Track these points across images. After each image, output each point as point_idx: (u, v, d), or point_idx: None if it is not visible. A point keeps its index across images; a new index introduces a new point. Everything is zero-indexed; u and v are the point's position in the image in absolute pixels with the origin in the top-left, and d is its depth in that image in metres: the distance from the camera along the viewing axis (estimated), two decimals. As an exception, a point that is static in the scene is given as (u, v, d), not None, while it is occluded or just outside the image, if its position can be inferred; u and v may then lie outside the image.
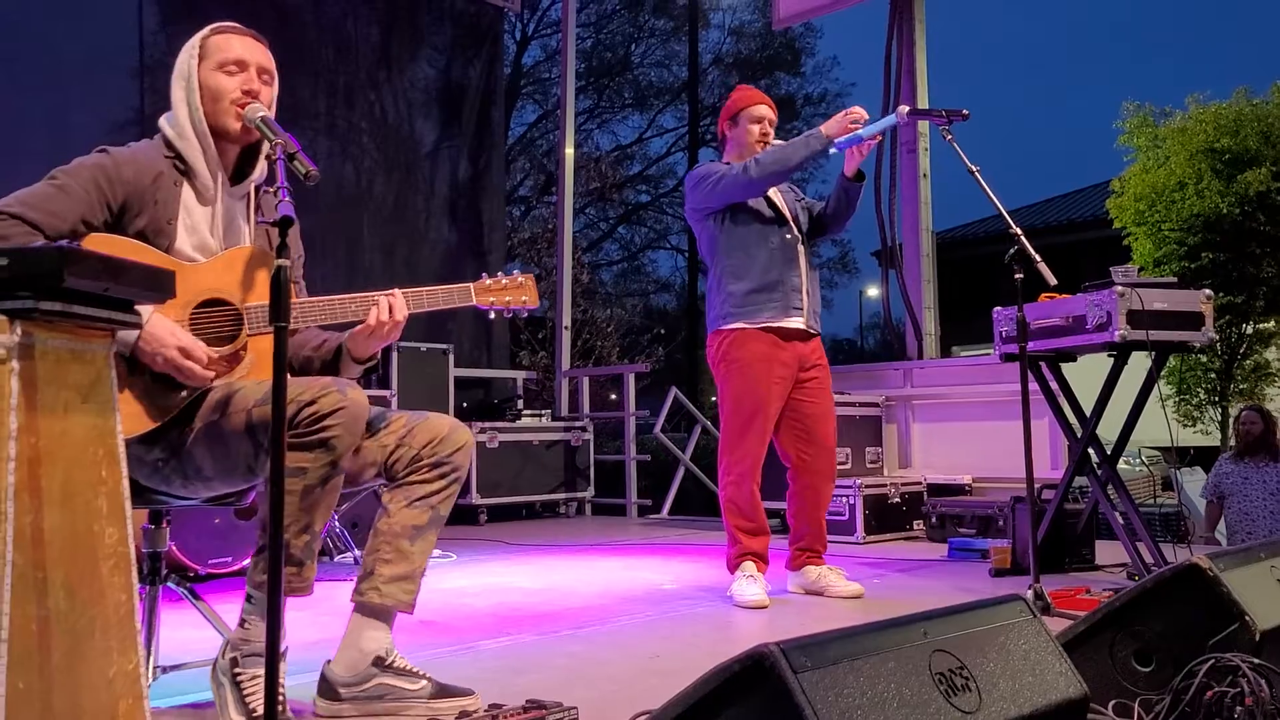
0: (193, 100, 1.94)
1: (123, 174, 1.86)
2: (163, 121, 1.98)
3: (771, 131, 3.39)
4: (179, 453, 1.86)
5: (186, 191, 1.94)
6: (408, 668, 1.93)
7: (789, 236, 3.28)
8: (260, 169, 2.03)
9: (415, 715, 1.89)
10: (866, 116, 3.14)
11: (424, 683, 1.91)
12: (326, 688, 1.92)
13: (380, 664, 1.91)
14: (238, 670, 1.78)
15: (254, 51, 1.97)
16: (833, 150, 3.14)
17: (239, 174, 2.02)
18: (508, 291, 2.05)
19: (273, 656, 1.35)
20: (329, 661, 1.94)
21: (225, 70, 1.93)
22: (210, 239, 1.95)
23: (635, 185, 20.00)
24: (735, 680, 1.08)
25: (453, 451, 1.97)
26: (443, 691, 1.91)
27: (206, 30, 1.99)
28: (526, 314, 2.11)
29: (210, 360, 1.83)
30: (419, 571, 1.95)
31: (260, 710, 1.72)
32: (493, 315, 2.07)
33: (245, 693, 1.76)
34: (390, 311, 1.94)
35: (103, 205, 1.84)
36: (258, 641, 1.79)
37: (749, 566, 3.21)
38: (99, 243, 1.81)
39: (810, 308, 3.29)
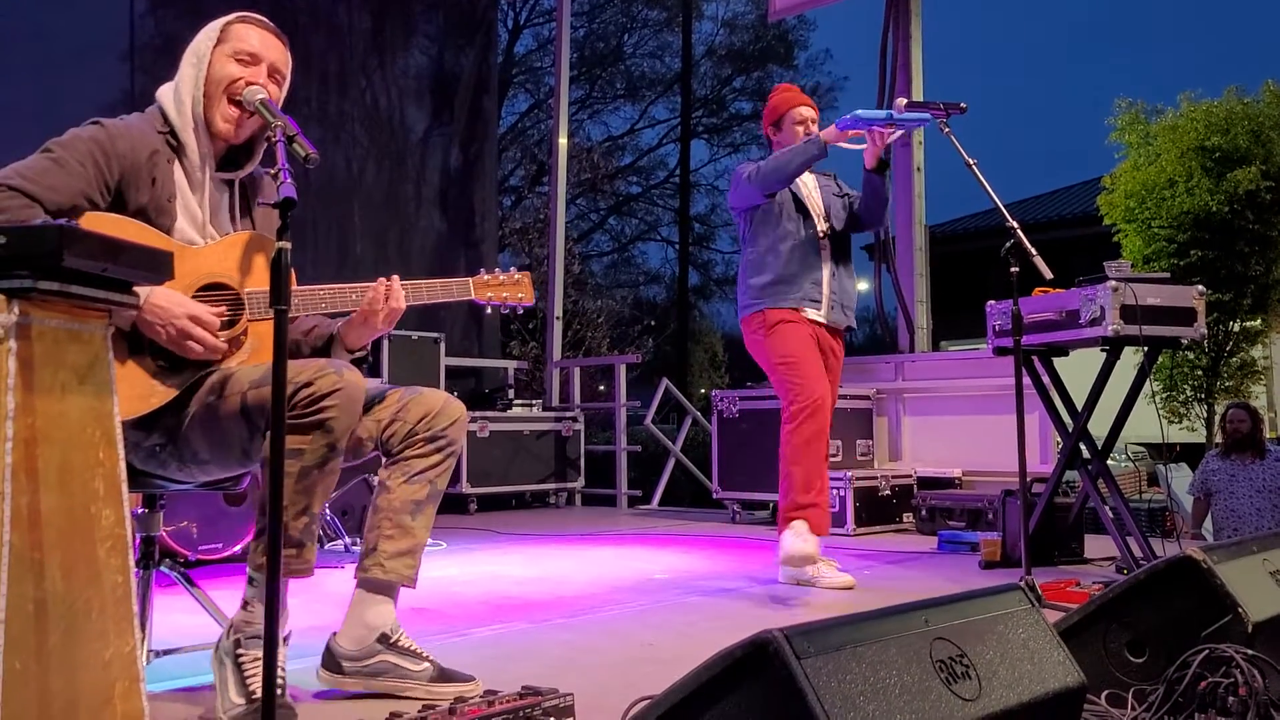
0: (199, 80, 1.92)
1: (118, 147, 1.83)
2: (162, 92, 1.95)
3: (815, 131, 3.39)
4: (175, 437, 1.84)
5: (178, 171, 1.92)
6: (412, 648, 1.93)
7: (811, 231, 3.32)
8: (252, 166, 2.02)
9: (413, 696, 1.89)
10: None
11: (426, 665, 1.92)
12: (330, 660, 1.94)
13: (385, 641, 1.92)
14: (240, 651, 1.77)
15: (271, 48, 1.96)
16: (839, 128, 3.15)
17: (230, 164, 2.00)
18: (505, 287, 2.09)
19: (271, 639, 1.34)
20: (335, 635, 1.96)
21: (238, 59, 1.92)
22: (203, 220, 1.94)
23: (626, 176, 19.97)
24: (738, 665, 1.08)
25: (447, 425, 1.98)
26: (443, 676, 1.91)
27: (233, 15, 1.97)
28: (522, 310, 2.16)
29: (219, 328, 1.82)
30: (420, 546, 1.96)
31: (261, 692, 1.71)
32: (489, 311, 2.12)
33: (246, 674, 1.75)
34: (387, 297, 1.94)
35: (100, 181, 1.81)
36: (259, 624, 1.78)
37: (799, 525, 3.11)
38: (102, 222, 1.79)
39: (835, 301, 3.33)
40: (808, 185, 3.40)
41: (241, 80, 1.90)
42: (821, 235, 3.33)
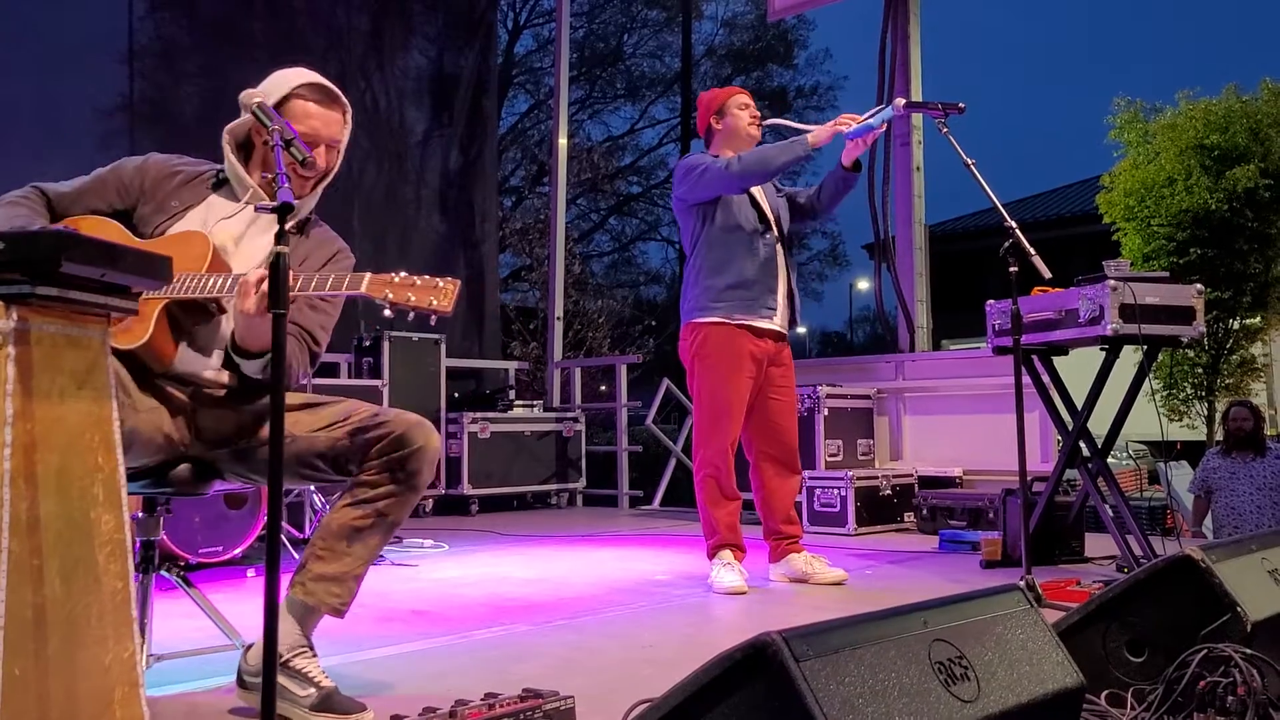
0: (250, 133, 2.01)
1: (148, 166, 1.98)
2: (227, 155, 2.03)
3: (758, 114, 3.45)
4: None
5: (214, 197, 1.99)
6: (305, 670, 1.80)
7: (770, 239, 3.34)
8: (307, 207, 2.08)
9: (291, 716, 1.78)
10: (857, 117, 3.18)
11: (312, 690, 1.78)
12: (240, 675, 1.86)
13: (280, 659, 1.78)
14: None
15: (330, 125, 1.98)
16: (847, 138, 3.19)
17: None
18: (413, 290, 1.73)
19: (270, 652, 1.34)
20: (248, 648, 1.88)
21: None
22: (229, 225, 1.96)
23: (627, 176, 19.96)
24: (737, 668, 1.08)
25: (408, 453, 1.82)
26: (327, 704, 1.77)
27: (291, 87, 1.95)
28: (434, 320, 1.76)
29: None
30: (353, 575, 1.83)
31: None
32: (389, 313, 1.75)
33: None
34: (245, 291, 1.78)
35: (119, 190, 1.94)
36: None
37: (726, 554, 3.26)
38: (79, 225, 1.86)
39: (785, 310, 3.35)
40: (761, 189, 3.39)
41: (292, 162, 1.79)
42: (777, 241, 3.35)
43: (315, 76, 2.00)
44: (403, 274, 1.76)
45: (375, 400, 5.19)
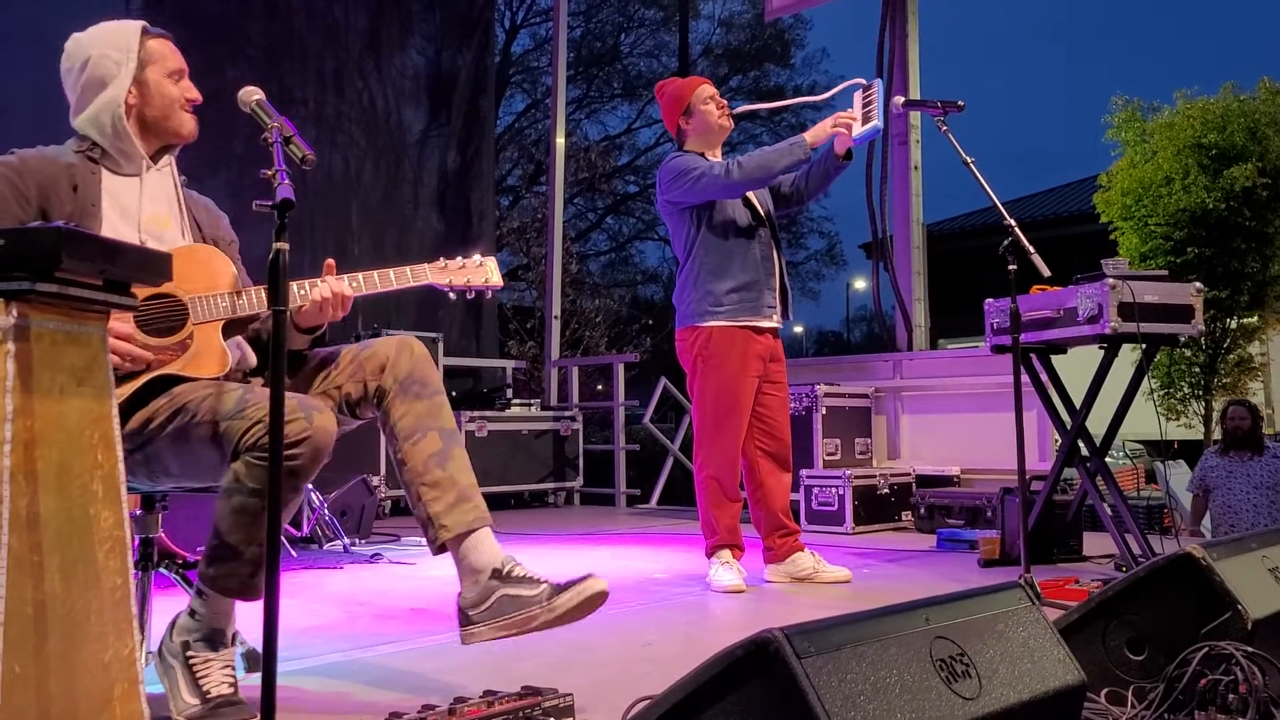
0: (128, 100, 1.95)
1: (29, 165, 1.88)
2: (82, 123, 1.97)
3: (724, 103, 3.41)
4: (144, 447, 1.82)
5: (106, 175, 1.94)
6: (526, 575, 1.85)
7: (765, 236, 3.34)
8: (174, 150, 2.04)
9: (539, 621, 1.82)
10: (856, 118, 3.18)
11: (544, 586, 1.83)
12: (462, 617, 1.87)
13: (498, 575, 1.84)
14: (190, 654, 1.77)
15: (179, 55, 2.04)
16: (853, 145, 3.21)
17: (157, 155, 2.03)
18: (467, 271, 1.99)
19: (270, 640, 1.34)
20: (459, 595, 1.89)
21: (172, 78, 1.99)
22: (136, 211, 1.95)
23: (624, 176, 19.96)
24: (739, 665, 1.08)
25: (411, 367, 1.92)
26: (558, 589, 1.82)
27: (138, 34, 1.99)
28: (491, 294, 2.04)
29: (138, 341, 1.81)
30: (468, 486, 1.88)
31: (215, 691, 1.73)
32: (453, 296, 2.00)
33: (198, 675, 1.76)
34: (322, 303, 1.89)
35: (19, 200, 1.84)
36: (208, 627, 1.80)
37: (725, 554, 3.26)
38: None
39: (780, 305, 3.36)
40: None
41: (184, 98, 2.00)
42: (774, 240, 3.36)
43: (138, 21, 2.03)
44: (443, 260, 1.97)
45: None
